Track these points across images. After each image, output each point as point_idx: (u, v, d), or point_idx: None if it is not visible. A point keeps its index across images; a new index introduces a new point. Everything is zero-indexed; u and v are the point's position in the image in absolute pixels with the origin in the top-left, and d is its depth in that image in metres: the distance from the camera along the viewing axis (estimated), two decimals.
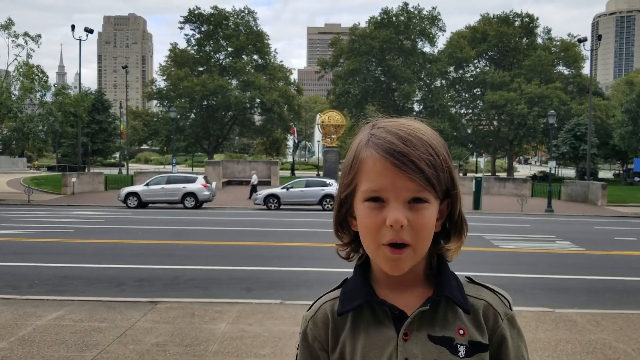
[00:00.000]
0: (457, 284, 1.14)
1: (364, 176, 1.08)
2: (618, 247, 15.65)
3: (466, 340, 1.09)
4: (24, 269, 10.75)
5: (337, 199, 1.16)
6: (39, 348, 5.77)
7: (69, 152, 60.30)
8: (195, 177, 28.81)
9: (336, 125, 38.03)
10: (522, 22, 64.43)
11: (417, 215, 1.05)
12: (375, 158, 1.05)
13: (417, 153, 1.04)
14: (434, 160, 1.05)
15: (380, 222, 1.05)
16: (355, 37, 63.80)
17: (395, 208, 1.04)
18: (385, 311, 1.12)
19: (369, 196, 1.06)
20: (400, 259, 1.05)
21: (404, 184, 1.04)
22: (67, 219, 20.55)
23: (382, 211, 1.05)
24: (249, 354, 5.69)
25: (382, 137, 1.07)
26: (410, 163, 1.03)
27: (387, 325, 1.11)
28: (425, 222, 1.05)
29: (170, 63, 63.32)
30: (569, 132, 53.77)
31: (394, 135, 1.06)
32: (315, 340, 1.17)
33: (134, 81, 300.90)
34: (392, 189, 1.04)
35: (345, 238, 1.18)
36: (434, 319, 1.10)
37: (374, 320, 1.12)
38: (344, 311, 1.14)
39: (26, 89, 33.03)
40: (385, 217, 1.04)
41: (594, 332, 6.69)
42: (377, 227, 1.05)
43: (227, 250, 13.80)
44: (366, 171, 1.07)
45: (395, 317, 1.11)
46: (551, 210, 28.59)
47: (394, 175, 1.04)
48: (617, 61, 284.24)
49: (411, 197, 1.04)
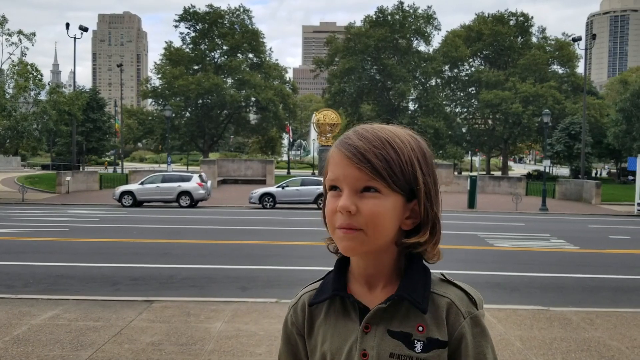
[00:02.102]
0: (423, 282, 1.18)
1: (328, 169, 1.19)
2: (612, 246, 15.73)
3: (424, 337, 1.15)
4: (19, 268, 10.70)
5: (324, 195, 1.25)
6: (33, 347, 5.75)
7: (64, 151, 60.04)
8: (191, 175, 28.74)
9: (331, 124, 38.03)
10: (517, 21, 64.58)
11: (366, 203, 1.12)
12: (335, 151, 1.18)
13: (368, 146, 1.13)
14: (387, 155, 1.13)
15: (335, 208, 1.14)
16: (350, 36, 63.77)
17: (346, 196, 1.13)
18: (353, 305, 1.21)
19: (329, 185, 1.17)
20: (351, 239, 1.13)
21: (353, 172, 1.13)
22: (61, 218, 20.48)
23: (338, 199, 1.15)
24: (244, 353, 5.69)
25: (345, 135, 1.19)
26: (359, 154, 1.13)
27: (352, 319, 1.20)
28: (373, 210, 1.12)
29: (165, 61, 63.15)
30: (563, 131, 53.92)
31: (355, 132, 1.17)
32: (294, 326, 1.30)
33: (128, 80, 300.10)
34: (343, 179, 1.14)
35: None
36: (395, 315, 1.17)
37: (343, 313, 1.22)
38: (313, 303, 1.26)
39: (20, 88, 32.86)
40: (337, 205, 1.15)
41: (588, 331, 6.72)
42: (332, 212, 1.15)
43: (223, 249, 13.79)
44: (330, 164, 1.19)
45: (362, 311, 1.19)
46: (546, 208, 28.68)
47: (345, 165, 1.14)
48: (611, 60, 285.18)
49: (361, 186, 1.13)
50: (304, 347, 1.29)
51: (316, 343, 1.25)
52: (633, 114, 48.99)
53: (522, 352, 5.85)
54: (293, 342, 1.30)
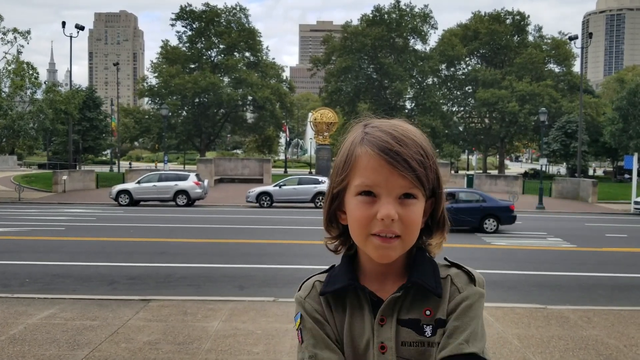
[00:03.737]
0: (432, 270, 1.20)
1: (357, 172, 1.14)
2: (609, 244, 15.76)
3: (432, 320, 1.16)
4: (15, 267, 10.66)
5: (329, 194, 1.23)
6: (30, 347, 5.72)
7: (60, 150, 59.87)
8: (187, 174, 28.71)
9: (328, 123, 38.04)
10: (513, 20, 64.67)
11: (407, 210, 1.12)
12: (370, 155, 1.12)
13: (410, 153, 1.11)
14: (424, 161, 1.13)
15: (372, 215, 1.11)
16: (347, 35, 63.76)
17: (387, 203, 1.10)
18: (366, 297, 1.19)
19: (362, 190, 1.13)
20: (389, 248, 1.12)
21: (397, 180, 1.11)
22: (58, 217, 20.42)
23: (373, 205, 1.12)
24: (242, 352, 5.67)
25: (376, 136, 1.14)
26: (403, 162, 1.10)
27: (366, 312, 1.18)
28: (414, 217, 1.13)
29: (161, 60, 63.03)
30: (560, 129, 54.03)
31: (388, 134, 1.13)
32: (316, 312, 1.22)
33: (125, 78, 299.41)
34: (384, 185, 1.11)
35: (334, 232, 1.25)
36: (404, 304, 1.17)
37: (357, 306, 1.20)
38: (326, 292, 1.21)
39: (16, 86, 32.75)
40: (376, 211, 1.11)
41: (585, 329, 6.72)
42: (368, 220, 1.12)
43: (220, 248, 13.77)
44: (360, 167, 1.14)
45: (374, 304, 1.18)
46: (542, 207, 28.72)
47: (388, 172, 1.11)
48: (607, 59, 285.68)
49: (402, 193, 1.12)
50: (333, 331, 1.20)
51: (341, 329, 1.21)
52: (629, 113, 49.14)
53: (520, 351, 5.85)
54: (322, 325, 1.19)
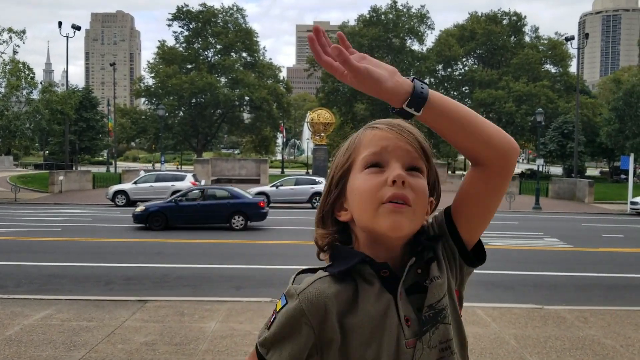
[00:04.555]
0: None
1: (362, 148, 1.16)
2: (605, 244, 15.79)
3: (425, 276, 1.16)
4: (11, 268, 10.63)
5: (329, 182, 1.22)
6: (26, 348, 5.70)
7: (56, 150, 59.69)
8: (184, 175, 28.66)
9: (325, 123, 37.99)
10: (510, 21, 64.77)
11: (415, 180, 1.13)
12: (376, 130, 1.16)
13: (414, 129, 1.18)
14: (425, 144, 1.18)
15: (382, 182, 1.10)
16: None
17: (398, 167, 1.11)
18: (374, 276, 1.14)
19: (370, 161, 1.13)
20: (402, 213, 1.09)
21: (405, 148, 1.13)
22: (54, 218, 20.36)
23: (382, 174, 1.12)
24: (239, 353, 5.66)
25: (379, 121, 1.20)
26: (408, 133, 1.15)
27: (381, 289, 1.13)
28: (422, 187, 1.13)
29: (158, 60, 62.95)
30: (556, 130, 54.09)
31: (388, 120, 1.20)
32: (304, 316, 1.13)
33: (121, 79, 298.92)
34: (393, 151, 1.13)
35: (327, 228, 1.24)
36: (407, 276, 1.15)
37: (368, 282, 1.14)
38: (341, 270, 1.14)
39: (12, 87, 32.67)
40: (386, 177, 1.10)
41: (582, 329, 6.73)
42: (378, 187, 1.10)
43: (217, 248, 13.75)
44: (366, 143, 1.16)
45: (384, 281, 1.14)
46: (539, 207, 28.76)
47: (396, 139, 1.14)
48: (604, 60, 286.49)
49: (409, 164, 1.13)
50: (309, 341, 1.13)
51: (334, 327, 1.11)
52: (626, 113, 49.20)
53: (517, 351, 5.86)
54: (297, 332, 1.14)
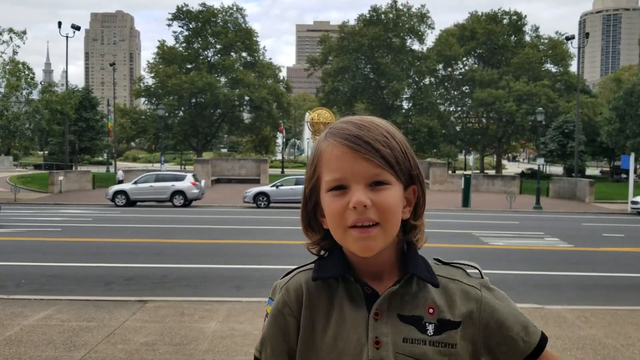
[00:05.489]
0: (425, 264, 1.18)
1: (324, 166, 1.12)
2: (606, 244, 15.78)
3: (435, 319, 1.14)
4: (11, 269, 10.62)
5: (303, 195, 1.20)
6: (26, 348, 5.69)
7: (56, 151, 59.67)
8: (184, 175, 28.66)
9: (325, 123, 37.87)
10: (510, 20, 64.74)
11: (380, 195, 1.08)
12: (333, 145, 1.10)
13: (371, 135, 1.09)
14: (390, 142, 1.10)
15: (344, 205, 1.08)
16: (344, 35, 63.73)
17: (357, 190, 1.07)
18: (358, 290, 1.15)
19: (332, 185, 1.10)
20: (369, 238, 1.08)
21: (363, 166, 1.08)
22: (54, 218, 20.36)
23: (345, 196, 1.09)
24: (239, 353, 5.65)
25: (338, 127, 1.13)
26: (365, 144, 1.08)
27: (359, 305, 1.14)
28: (389, 201, 1.09)
29: (158, 60, 62.90)
30: (557, 129, 54.07)
31: (349, 123, 1.12)
32: (286, 306, 1.19)
33: (121, 79, 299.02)
34: (351, 173, 1.08)
35: (315, 236, 1.21)
36: (405, 300, 1.14)
37: (348, 298, 1.15)
38: (318, 277, 1.16)
39: (12, 87, 32.65)
40: (348, 201, 1.08)
41: (583, 328, 6.72)
42: (342, 211, 1.08)
43: (217, 248, 13.74)
44: (326, 160, 1.12)
45: (368, 298, 1.14)
46: (539, 207, 28.75)
47: (352, 158, 1.08)
48: (604, 59, 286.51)
49: (371, 180, 1.08)
50: (296, 331, 1.17)
51: (315, 327, 1.15)
52: (626, 113, 49.18)
53: None
54: (282, 324, 1.18)
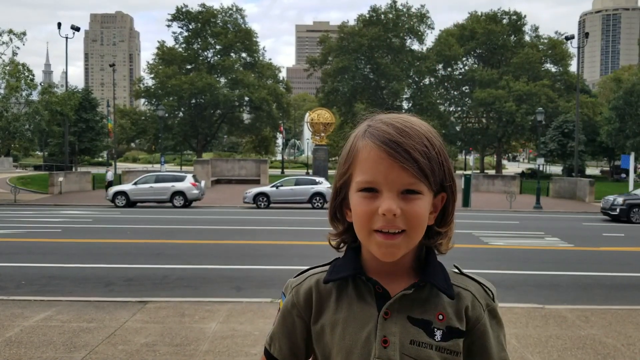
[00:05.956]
0: (443, 273, 1.18)
1: (358, 166, 1.11)
2: (606, 243, 15.77)
3: (444, 326, 1.14)
4: (11, 270, 10.61)
5: (334, 188, 1.21)
6: (26, 349, 5.69)
7: (56, 152, 59.63)
8: (184, 175, 28.66)
9: (325, 123, 37.98)
10: (509, 20, 64.79)
11: (411, 205, 1.08)
12: (370, 147, 1.09)
13: (411, 143, 1.07)
14: (429, 152, 1.09)
15: (373, 210, 1.08)
16: (344, 35, 63.77)
17: (389, 198, 1.07)
18: (369, 289, 1.16)
19: (363, 187, 1.10)
20: (393, 245, 1.09)
21: (398, 174, 1.07)
22: (54, 219, 20.36)
23: (375, 200, 1.08)
24: (239, 353, 5.65)
25: (378, 128, 1.11)
26: (404, 152, 1.06)
27: (369, 303, 1.15)
28: (419, 211, 1.09)
29: (158, 61, 62.98)
30: (557, 129, 54.10)
31: (390, 126, 1.10)
32: (295, 308, 1.23)
33: (121, 79, 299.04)
34: (385, 180, 1.07)
35: (339, 227, 1.22)
36: (416, 303, 1.15)
37: (357, 297, 1.17)
38: (330, 280, 1.18)
39: (12, 88, 32.64)
40: (378, 206, 1.07)
41: (583, 328, 6.72)
42: (370, 215, 1.08)
43: (217, 249, 13.74)
44: (361, 160, 1.11)
45: (379, 297, 1.15)
46: (540, 207, 28.74)
47: (388, 164, 1.07)
48: (604, 59, 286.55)
49: (404, 189, 1.08)
50: (303, 331, 1.22)
51: (324, 327, 1.18)
52: (626, 112, 49.24)
53: (518, 350, 5.84)
54: (290, 324, 1.24)
